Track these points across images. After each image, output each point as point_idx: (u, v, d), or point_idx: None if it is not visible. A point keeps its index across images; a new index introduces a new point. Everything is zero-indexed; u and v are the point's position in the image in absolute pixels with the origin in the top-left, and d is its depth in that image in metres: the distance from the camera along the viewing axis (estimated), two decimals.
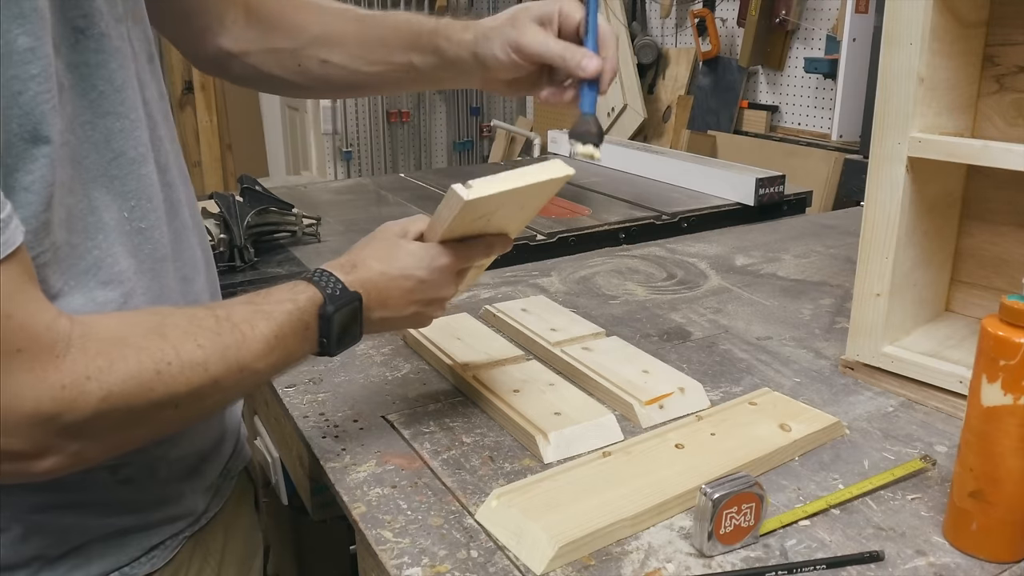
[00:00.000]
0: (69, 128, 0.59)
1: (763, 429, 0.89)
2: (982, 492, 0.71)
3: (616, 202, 1.93)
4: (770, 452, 0.85)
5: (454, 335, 1.13)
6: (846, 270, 1.46)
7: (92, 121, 0.61)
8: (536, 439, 0.87)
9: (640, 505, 0.75)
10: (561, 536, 0.71)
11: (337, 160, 4.64)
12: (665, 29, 3.91)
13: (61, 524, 0.68)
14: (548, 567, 0.69)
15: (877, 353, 1.01)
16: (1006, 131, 1.01)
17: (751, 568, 0.70)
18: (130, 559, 0.72)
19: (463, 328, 1.17)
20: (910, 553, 0.72)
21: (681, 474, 0.80)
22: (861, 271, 1.01)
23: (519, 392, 0.97)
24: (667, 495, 0.77)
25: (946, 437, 0.91)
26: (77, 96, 0.59)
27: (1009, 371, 0.67)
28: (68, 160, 0.58)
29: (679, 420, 0.93)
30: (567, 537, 0.70)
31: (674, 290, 1.38)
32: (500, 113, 5.08)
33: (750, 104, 3.52)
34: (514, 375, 1.02)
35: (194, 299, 0.77)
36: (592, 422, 0.90)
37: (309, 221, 1.62)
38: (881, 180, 0.97)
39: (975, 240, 1.09)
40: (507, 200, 0.78)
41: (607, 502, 0.76)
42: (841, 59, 3.03)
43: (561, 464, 0.84)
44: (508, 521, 0.74)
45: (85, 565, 0.70)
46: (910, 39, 0.91)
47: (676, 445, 0.86)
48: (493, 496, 0.76)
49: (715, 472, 0.79)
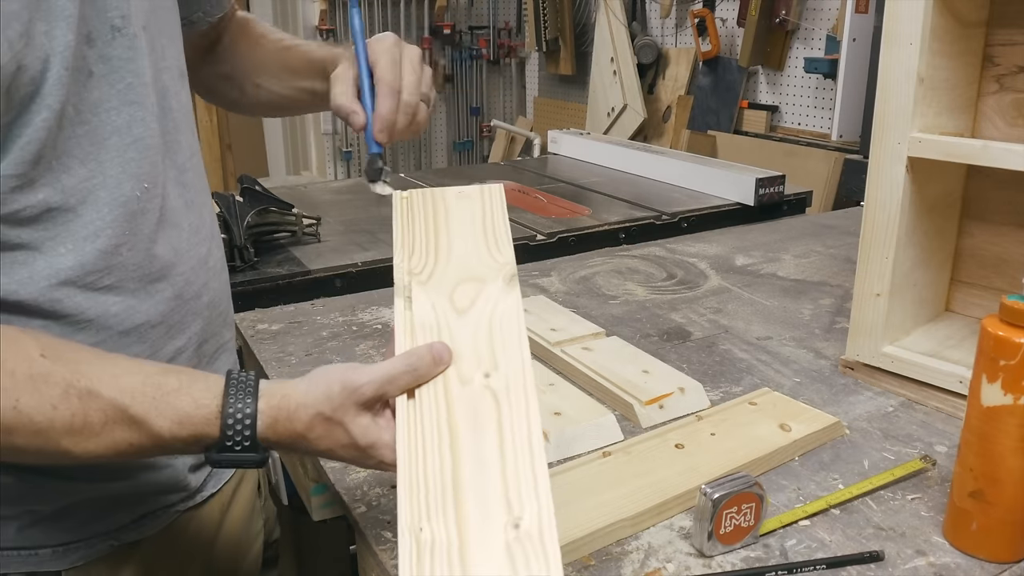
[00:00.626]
0: (93, 111, 0.65)
1: (763, 429, 0.89)
2: (982, 492, 0.71)
3: (616, 202, 1.93)
4: (770, 452, 0.85)
5: None
6: (846, 270, 1.46)
7: (118, 108, 0.67)
8: None
9: (640, 505, 0.75)
10: (561, 536, 0.70)
11: (337, 160, 4.64)
12: (665, 29, 3.91)
13: (53, 485, 0.70)
14: None
15: (877, 353, 1.01)
16: (1006, 131, 1.00)
17: (751, 568, 0.70)
18: (119, 525, 0.75)
19: None
20: (910, 553, 0.72)
21: (681, 474, 0.80)
22: (861, 271, 1.01)
23: None
24: (667, 495, 0.77)
25: (946, 437, 0.91)
26: (107, 84, 0.66)
27: (1009, 371, 0.67)
28: (89, 137, 0.65)
29: (679, 420, 0.93)
30: (567, 537, 0.70)
31: (674, 290, 1.38)
32: (500, 113, 5.08)
33: (750, 104, 3.52)
34: None
35: (191, 295, 0.77)
36: (592, 422, 0.90)
37: (309, 221, 1.62)
38: (881, 180, 0.97)
39: (975, 240, 1.09)
40: None
41: (607, 502, 0.76)
42: (841, 59, 3.03)
43: (561, 464, 0.84)
44: None
45: (75, 526, 0.72)
46: (910, 39, 0.91)
47: (676, 445, 0.86)
48: None
49: (715, 472, 0.79)
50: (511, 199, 1.94)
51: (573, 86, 4.52)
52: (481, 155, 5.10)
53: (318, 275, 1.43)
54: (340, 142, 4.62)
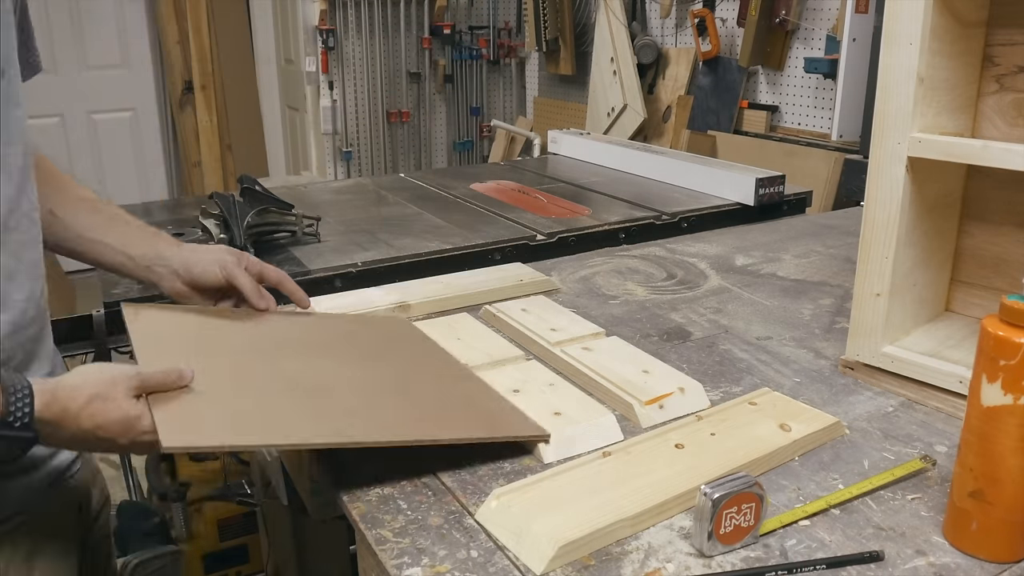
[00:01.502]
0: None
1: (763, 429, 0.89)
2: (982, 492, 0.71)
3: (616, 202, 1.93)
4: (770, 452, 0.85)
5: (454, 335, 1.13)
6: (846, 270, 1.46)
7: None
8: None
9: (640, 505, 0.75)
10: (561, 536, 0.70)
11: (337, 160, 4.64)
12: (665, 29, 3.91)
13: None
14: (548, 567, 0.69)
15: (877, 353, 1.01)
16: (1006, 131, 1.00)
17: (751, 568, 0.70)
18: None
19: (463, 328, 1.17)
20: (910, 553, 0.72)
21: (681, 474, 0.80)
22: (861, 271, 1.01)
23: (519, 392, 0.97)
24: (667, 495, 0.77)
25: (946, 437, 0.91)
26: None
27: (1009, 371, 0.67)
28: None
29: (679, 420, 0.93)
30: (567, 537, 0.70)
31: (674, 290, 1.38)
32: (500, 113, 5.08)
33: (750, 104, 3.52)
34: (514, 375, 1.02)
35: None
36: (592, 422, 0.90)
37: (309, 221, 1.62)
38: (881, 180, 0.97)
39: (975, 240, 1.09)
40: None
41: (607, 502, 0.76)
42: (841, 59, 3.02)
43: (561, 464, 0.84)
44: (508, 521, 0.74)
45: None
46: (910, 39, 0.91)
47: (676, 445, 0.86)
48: (493, 496, 0.76)
49: (715, 472, 0.79)
50: (512, 199, 1.94)
51: (573, 86, 4.52)
52: (481, 155, 5.10)
53: (318, 275, 1.43)
54: (340, 142, 4.62)
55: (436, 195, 2.02)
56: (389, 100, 4.67)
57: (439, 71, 4.77)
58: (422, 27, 4.63)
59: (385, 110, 4.67)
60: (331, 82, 4.48)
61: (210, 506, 1.92)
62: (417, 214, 1.83)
